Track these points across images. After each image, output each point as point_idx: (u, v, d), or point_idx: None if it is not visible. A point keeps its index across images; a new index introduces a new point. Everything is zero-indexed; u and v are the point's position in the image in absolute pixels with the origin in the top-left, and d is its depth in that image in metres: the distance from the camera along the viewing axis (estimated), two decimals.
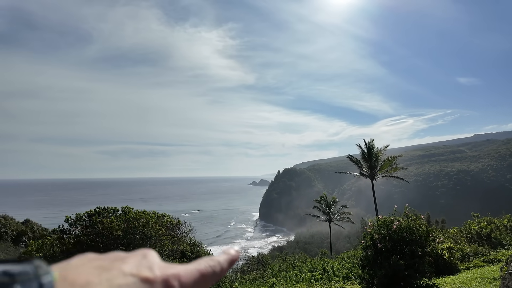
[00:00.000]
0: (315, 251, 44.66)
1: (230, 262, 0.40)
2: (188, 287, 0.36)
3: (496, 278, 6.67)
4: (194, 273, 0.37)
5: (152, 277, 0.35)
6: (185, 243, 13.02)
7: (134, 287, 0.34)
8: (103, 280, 0.33)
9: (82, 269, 0.30)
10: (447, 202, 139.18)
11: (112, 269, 0.33)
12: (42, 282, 0.22)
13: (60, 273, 0.25)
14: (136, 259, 0.35)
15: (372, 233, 7.55)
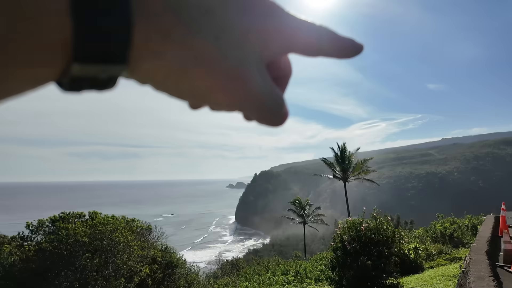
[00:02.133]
0: (290, 254, 45.13)
1: (347, 44, 0.30)
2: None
3: (455, 276, 7.02)
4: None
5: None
6: (156, 248, 12.66)
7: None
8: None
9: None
10: (417, 203, 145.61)
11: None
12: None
13: None
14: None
15: (341, 234, 7.70)
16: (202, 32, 0.23)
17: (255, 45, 0.26)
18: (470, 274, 4.44)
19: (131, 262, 10.90)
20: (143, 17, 0.21)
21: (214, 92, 0.25)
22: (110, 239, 10.67)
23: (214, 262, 26.42)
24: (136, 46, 0.21)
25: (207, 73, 0.24)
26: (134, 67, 0.23)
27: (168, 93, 0.25)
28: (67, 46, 0.20)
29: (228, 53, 0.24)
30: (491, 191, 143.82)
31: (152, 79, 0.24)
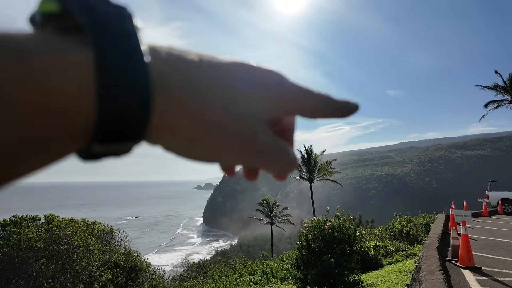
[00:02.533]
0: (258, 254, 45.42)
1: (343, 105, 0.32)
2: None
3: (410, 271, 7.49)
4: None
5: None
6: (119, 252, 12.16)
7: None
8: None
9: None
10: (377, 203, 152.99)
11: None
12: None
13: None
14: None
15: (307, 234, 7.91)
16: (212, 103, 0.24)
17: (260, 110, 0.27)
18: (422, 269, 4.78)
19: (91, 267, 10.37)
20: (160, 96, 0.22)
21: (223, 154, 0.27)
22: (68, 243, 10.09)
23: (180, 265, 25.84)
24: (153, 123, 0.23)
25: (216, 140, 0.25)
26: (149, 139, 0.24)
27: (179, 156, 0.27)
28: (89, 130, 0.20)
29: (237, 120, 0.26)
30: (443, 191, 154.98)
31: (165, 146, 0.26)
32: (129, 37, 0.21)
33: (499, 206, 13.62)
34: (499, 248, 6.71)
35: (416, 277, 4.97)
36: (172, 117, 0.23)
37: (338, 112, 0.32)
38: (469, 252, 5.30)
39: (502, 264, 5.51)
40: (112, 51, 0.20)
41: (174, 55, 0.24)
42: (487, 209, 13.22)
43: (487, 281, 4.66)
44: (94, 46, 0.19)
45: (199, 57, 0.25)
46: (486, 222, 11.04)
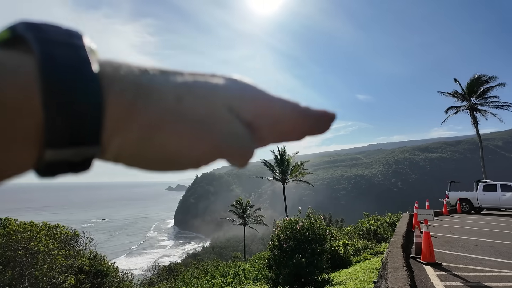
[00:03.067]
0: (230, 255, 45.19)
1: (321, 116, 0.32)
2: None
3: (377, 268, 7.79)
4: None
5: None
6: (84, 256, 11.57)
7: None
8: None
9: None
10: (347, 203, 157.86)
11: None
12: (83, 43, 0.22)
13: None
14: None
15: (279, 234, 7.98)
16: (163, 96, 0.25)
17: (220, 103, 0.27)
18: (388, 266, 4.98)
19: (52, 273, 9.78)
20: (111, 96, 0.23)
21: (182, 149, 0.26)
22: (27, 248, 9.44)
23: (150, 268, 25.10)
24: (107, 125, 0.23)
25: (173, 132, 0.25)
26: (105, 145, 0.24)
27: (141, 165, 0.26)
28: (38, 132, 0.21)
29: (193, 112, 0.26)
30: (408, 191, 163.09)
31: (123, 153, 0.25)
32: (76, 48, 0.22)
33: (457, 205, 14.53)
34: (457, 245, 7.15)
35: (382, 274, 5.17)
36: (124, 117, 0.23)
37: (313, 122, 0.32)
38: (430, 249, 5.59)
39: (459, 259, 5.88)
40: (56, 58, 0.21)
41: (125, 65, 0.24)
42: (447, 208, 14.06)
43: (446, 276, 4.93)
44: (38, 54, 0.21)
45: (152, 68, 0.26)
46: (446, 221, 11.73)
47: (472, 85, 27.38)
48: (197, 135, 0.26)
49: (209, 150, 0.27)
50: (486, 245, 7.08)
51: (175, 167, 0.28)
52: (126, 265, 69.64)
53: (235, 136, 0.28)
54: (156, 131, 0.25)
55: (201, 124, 0.26)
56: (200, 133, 0.26)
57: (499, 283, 4.56)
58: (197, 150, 0.27)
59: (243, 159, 0.30)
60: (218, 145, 0.27)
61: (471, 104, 27.64)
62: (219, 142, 0.27)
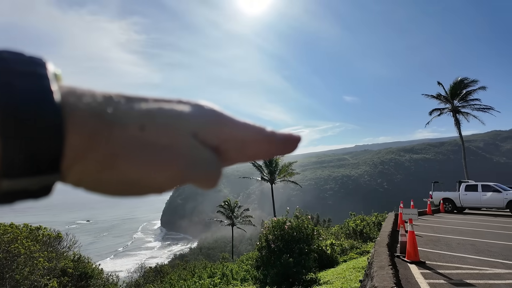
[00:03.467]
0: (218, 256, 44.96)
1: (286, 139, 0.32)
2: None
3: (363, 267, 7.90)
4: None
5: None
6: (67, 259, 11.29)
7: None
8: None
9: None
10: (334, 203, 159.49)
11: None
12: (46, 72, 0.22)
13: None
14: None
15: (267, 234, 7.99)
16: (127, 125, 0.25)
17: (184, 128, 0.27)
18: (374, 265, 5.05)
19: (34, 276, 9.48)
20: (73, 126, 0.22)
21: (147, 174, 0.26)
22: (7, 251, 9.13)
23: (136, 270, 24.70)
24: (67, 155, 0.23)
25: (137, 164, 0.25)
26: (65, 173, 0.23)
27: (102, 191, 0.26)
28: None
29: (157, 140, 0.26)
30: (394, 191, 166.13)
31: (84, 180, 0.25)
32: (38, 78, 0.22)
33: (441, 205, 14.89)
34: (440, 244, 7.34)
35: (368, 272, 5.24)
36: (85, 145, 0.23)
37: (279, 145, 0.32)
38: (415, 248, 5.71)
39: (442, 258, 6.03)
40: (17, 89, 0.21)
41: (89, 93, 0.24)
42: (431, 208, 14.39)
43: (430, 274, 5.05)
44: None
45: (116, 95, 0.26)
46: (430, 220, 12.01)
47: (455, 88, 28.07)
48: (160, 163, 0.26)
49: (172, 176, 0.27)
50: (468, 244, 7.29)
51: (137, 194, 0.28)
52: (112, 267, 68.33)
53: (199, 162, 0.28)
54: (118, 159, 0.24)
55: (165, 152, 0.26)
56: (163, 160, 0.26)
57: (480, 280, 4.71)
58: (160, 177, 0.27)
59: (209, 183, 0.30)
60: (182, 172, 0.27)
61: (454, 106, 28.35)
62: (183, 168, 0.27)
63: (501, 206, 13.29)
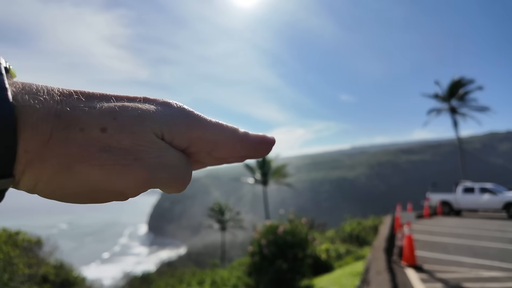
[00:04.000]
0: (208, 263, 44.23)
1: (260, 141, 0.32)
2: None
3: (359, 273, 7.70)
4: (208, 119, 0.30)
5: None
6: (48, 265, 10.78)
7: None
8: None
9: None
10: (330, 205, 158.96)
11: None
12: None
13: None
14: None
15: (259, 239, 7.74)
16: (86, 126, 0.23)
17: (150, 128, 0.26)
18: (370, 270, 4.88)
19: (14, 283, 9.00)
20: (27, 127, 0.21)
21: (110, 176, 0.24)
22: None
23: (122, 278, 23.97)
24: (20, 159, 0.21)
25: (97, 168, 0.24)
26: (19, 178, 0.22)
27: (60, 198, 0.25)
28: None
29: (118, 142, 0.24)
30: (391, 194, 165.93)
31: (40, 185, 0.24)
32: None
33: (438, 208, 14.76)
34: (438, 247, 7.22)
35: (365, 278, 5.06)
36: (39, 148, 0.22)
37: (252, 147, 0.31)
38: (412, 252, 5.56)
39: (440, 261, 5.90)
40: None
41: (45, 90, 0.23)
42: (428, 210, 14.27)
43: (427, 278, 4.93)
44: None
45: (76, 92, 0.25)
46: (427, 223, 11.90)
47: (452, 88, 28.07)
48: (121, 166, 0.25)
49: (135, 181, 0.26)
50: (465, 247, 7.19)
51: (98, 199, 0.26)
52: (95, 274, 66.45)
53: (165, 165, 0.27)
54: (76, 163, 0.23)
55: (127, 154, 0.25)
56: (125, 164, 0.25)
57: (477, 283, 4.63)
58: (122, 181, 0.25)
59: (177, 187, 0.29)
60: (146, 175, 0.26)
61: (451, 106, 28.36)
62: (147, 172, 0.26)
63: (498, 208, 13.29)
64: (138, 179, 0.26)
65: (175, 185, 0.28)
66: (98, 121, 0.24)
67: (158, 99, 0.28)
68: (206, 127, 0.29)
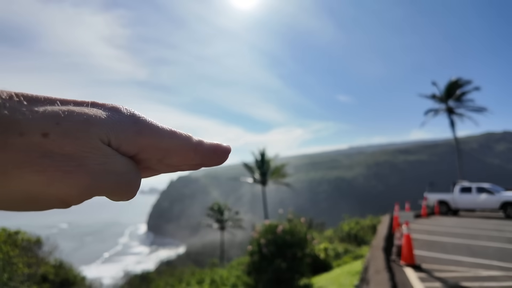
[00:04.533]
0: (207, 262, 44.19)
1: (215, 149, 0.32)
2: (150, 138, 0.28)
3: (358, 272, 7.74)
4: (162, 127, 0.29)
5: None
6: (48, 264, 10.78)
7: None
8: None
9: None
10: (328, 205, 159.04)
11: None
12: None
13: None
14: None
15: (258, 238, 7.75)
16: (27, 130, 0.23)
17: (96, 134, 0.25)
18: (370, 269, 4.89)
19: (13, 282, 8.99)
20: None
21: (53, 181, 0.23)
22: None
23: (121, 277, 23.98)
24: None
25: (37, 174, 0.23)
26: None
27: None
28: None
29: (61, 148, 0.23)
30: (389, 193, 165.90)
31: None
32: None
33: (435, 207, 14.84)
34: (436, 246, 7.25)
35: (364, 277, 5.08)
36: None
37: (206, 155, 0.31)
38: (411, 251, 5.58)
39: (438, 261, 5.92)
40: None
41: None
42: (426, 210, 14.33)
43: (426, 277, 4.95)
44: None
45: (18, 94, 0.24)
46: (425, 223, 11.95)
47: (449, 88, 28.17)
48: (63, 173, 0.23)
49: (78, 188, 0.24)
50: (463, 246, 7.22)
51: (37, 207, 0.25)
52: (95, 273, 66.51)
53: (110, 172, 0.26)
54: (15, 169, 0.22)
55: (70, 161, 0.24)
56: (67, 170, 0.24)
57: (475, 282, 4.66)
58: (64, 188, 0.24)
59: (124, 194, 0.28)
60: (89, 182, 0.25)
61: (449, 107, 28.44)
62: (90, 179, 0.25)
63: (495, 208, 13.36)
64: (81, 186, 0.25)
65: (121, 193, 0.27)
66: (39, 125, 0.23)
67: (107, 104, 0.27)
68: (156, 134, 0.28)
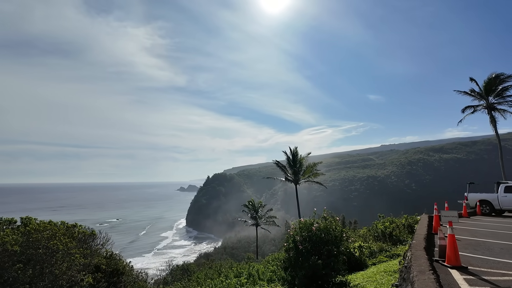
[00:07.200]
0: (242, 256, 45.01)
1: None
2: None
3: (395, 271, 7.58)
4: None
5: None
6: (100, 255, 11.73)
7: None
8: None
9: None
10: (359, 204, 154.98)
11: None
12: None
13: None
14: None
15: (294, 235, 7.87)
16: None
17: None
18: (412, 269, 4.81)
19: (71, 271, 9.92)
20: None
21: None
22: (47, 247, 9.60)
23: (164, 268, 25.32)
24: None
25: None
26: None
27: None
28: None
29: None
30: (422, 192, 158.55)
31: None
32: None
33: (477, 207, 14.07)
34: (482, 248, 6.89)
35: (406, 277, 5.00)
36: None
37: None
38: (456, 252, 5.39)
39: (486, 263, 5.64)
40: None
41: None
42: (467, 210, 13.64)
43: (474, 280, 4.74)
44: None
45: None
46: (466, 223, 11.37)
47: (489, 84, 26.68)
48: None
49: None
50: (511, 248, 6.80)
51: None
52: (140, 264, 70.66)
53: None
54: None
55: None
56: None
57: None
58: None
59: None
60: None
61: (489, 103, 26.87)
62: None
63: None
64: None
65: None
66: None
67: None
68: None
